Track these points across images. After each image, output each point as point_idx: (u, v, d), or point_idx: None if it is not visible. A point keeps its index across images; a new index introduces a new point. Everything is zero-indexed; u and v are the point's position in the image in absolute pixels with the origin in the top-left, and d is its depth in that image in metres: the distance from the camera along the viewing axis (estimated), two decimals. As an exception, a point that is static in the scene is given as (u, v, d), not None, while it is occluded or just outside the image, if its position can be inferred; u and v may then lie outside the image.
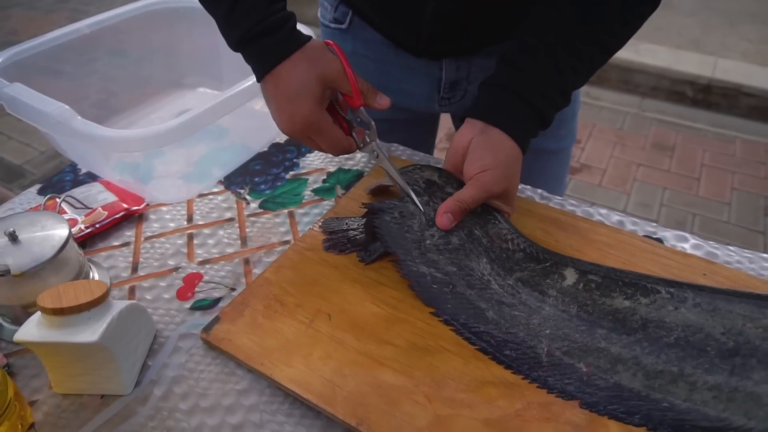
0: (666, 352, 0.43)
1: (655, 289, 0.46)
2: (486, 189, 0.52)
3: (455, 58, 0.68)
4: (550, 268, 0.50)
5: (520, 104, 0.53)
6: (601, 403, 0.41)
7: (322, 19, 0.77)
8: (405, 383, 0.43)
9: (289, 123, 0.52)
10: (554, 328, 0.46)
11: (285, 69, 0.50)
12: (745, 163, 2.04)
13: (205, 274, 0.55)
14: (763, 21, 2.89)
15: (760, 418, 0.38)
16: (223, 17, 0.50)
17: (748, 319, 0.42)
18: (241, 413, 0.43)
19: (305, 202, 0.64)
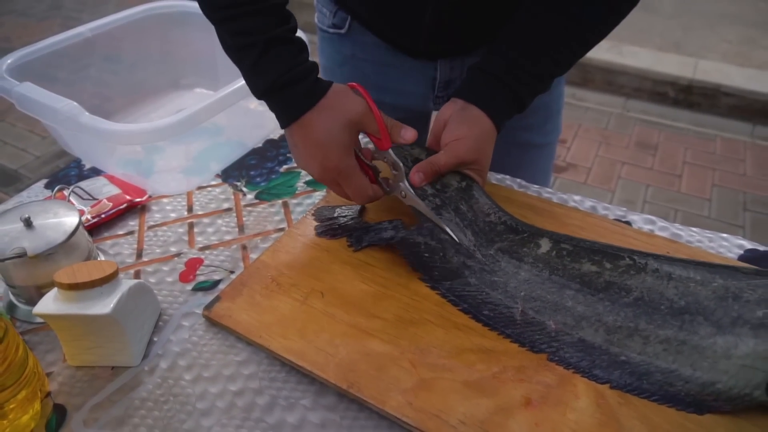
0: (624, 310, 0.47)
1: (620, 256, 0.51)
2: (457, 155, 0.56)
3: (450, 58, 0.72)
4: (528, 238, 0.54)
5: (498, 86, 0.58)
6: (567, 356, 0.45)
7: (320, 24, 0.79)
8: (392, 351, 0.47)
9: (320, 169, 0.53)
10: (528, 290, 0.50)
11: (312, 117, 0.52)
12: (725, 161, 2.10)
13: (205, 258, 0.59)
14: (743, 23, 2.97)
15: (705, 368, 0.43)
16: (250, 67, 0.52)
17: (699, 283, 0.47)
18: (241, 381, 0.47)
19: (298, 193, 0.68)
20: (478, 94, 0.59)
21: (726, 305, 0.45)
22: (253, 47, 0.51)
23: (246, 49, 0.52)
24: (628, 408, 0.43)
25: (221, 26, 0.53)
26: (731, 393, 0.42)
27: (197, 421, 0.44)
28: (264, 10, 0.51)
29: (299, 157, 0.55)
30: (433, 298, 0.52)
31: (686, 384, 0.43)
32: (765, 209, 1.87)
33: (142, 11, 0.84)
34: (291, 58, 0.52)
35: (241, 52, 0.52)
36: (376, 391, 0.44)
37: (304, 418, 0.44)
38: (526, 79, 0.59)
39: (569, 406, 0.43)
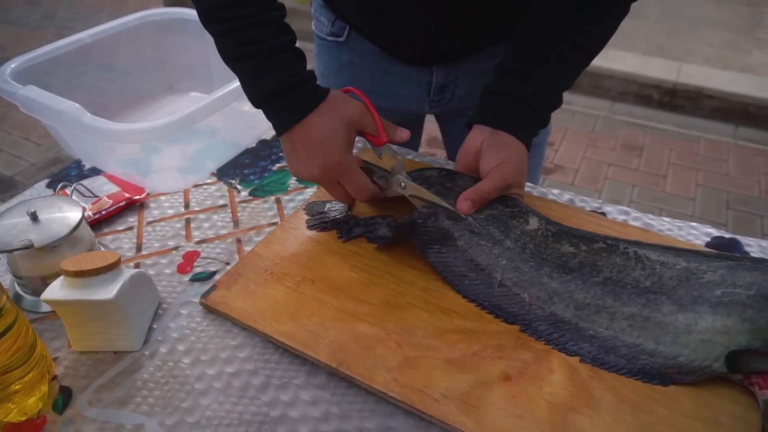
0: (594, 288, 0.51)
1: (596, 240, 0.55)
2: (504, 179, 0.58)
3: (445, 64, 0.75)
4: (517, 213, 0.58)
5: (523, 109, 0.61)
6: (539, 328, 0.49)
7: (317, 32, 0.82)
8: (378, 333, 0.50)
9: (322, 167, 0.55)
10: (509, 260, 0.54)
11: (313, 119, 0.54)
12: (709, 161, 2.15)
13: (202, 251, 0.62)
14: (725, 27, 3.04)
15: (667, 343, 0.46)
16: (251, 75, 0.55)
17: (664, 265, 0.51)
18: (237, 363, 0.50)
19: (290, 190, 0.71)
20: (506, 120, 0.61)
21: (688, 285, 0.49)
22: (254, 57, 0.53)
23: (247, 58, 0.53)
24: (599, 381, 0.47)
25: (222, 37, 0.55)
26: (692, 365, 0.45)
27: (196, 400, 0.47)
28: (265, 22, 0.53)
29: (299, 160, 0.56)
30: (418, 284, 0.55)
31: (650, 357, 0.46)
32: (747, 207, 1.92)
33: (137, 18, 0.87)
34: (291, 66, 0.54)
35: (241, 62, 0.54)
36: (363, 369, 0.47)
37: (296, 396, 0.47)
38: (546, 97, 0.62)
39: (544, 380, 0.47)
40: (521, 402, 0.45)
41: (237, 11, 0.52)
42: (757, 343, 0.45)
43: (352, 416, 0.46)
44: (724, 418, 0.44)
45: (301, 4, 2.86)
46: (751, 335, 0.45)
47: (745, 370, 0.44)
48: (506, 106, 0.61)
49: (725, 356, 0.44)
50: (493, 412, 0.44)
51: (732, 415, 0.44)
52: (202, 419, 0.46)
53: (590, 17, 0.61)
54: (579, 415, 0.44)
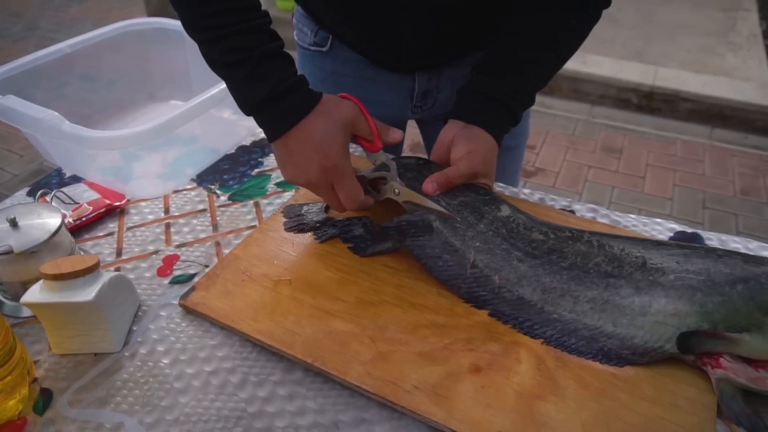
0: (560, 273, 0.53)
1: (562, 228, 0.57)
2: (471, 167, 0.61)
3: (427, 71, 0.77)
4: (489, 201, 0.60)
5: (495, 106, 0.64)
6: (506, 312, 0.52)
7: (300, 42, 0.83)
8: (353, 329, 0.52)
9: (318, 170, 0.55)
10: (482, 242, 0.56)
11: (310, 121, 0.54)
12: (685, 162, 2.20)
13: (181, 255, 0.63)
14: (699, 32, 3.11)
15: (624, 325, 0.49)
16: (241, 82, 0.54)
17: (625, 252, 0.53)
18: (215, 362, 0.51)
19: (269, 194, 0.73)
20: (478, 115, 0.64)
21: (645, 270, 0.51)
22: (244, 63, 0.53)
23: (236, 65, 0.53)
24: (564, 370, 0.49)
25: (209, 45, 0.55)
26: (646, 346, 0.48)
27: (175, 398, 0.48)
28: (253, 29, 0.53)
29: (294, 165, 0.56)
30: (392, 281, 0.57)
31: (608, 339, 0.49)
32: (722, 206, 1.97)
33: (117, 29, 0.88)
34: (283, 72, 0.54)
35: (231, 69, 0.54)
36: (338, 363, 0.49)
37: (273, 392, 0.49)
38: (518, 96, 0.64)
39: (512, 370, 0.48)
40: (490, 392, 0.47)
41: (223, 19, 0.53)
42: (706, 325, 0.47)
43: (327, 410, 0.47)
44: (682, 401, 0.46)
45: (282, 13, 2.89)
46: (700, 317, 0.47)
47: (695, 351, 0.47)
48: (479, 103, 0.64)
49: (676, 337, 0.47)
50: (462, 402, 0.46)
51: (689, 398, 0.46)
52: (181, 416, 0.47)
53: (562, 22, 0.64)
54: (545, 402, 0.46)
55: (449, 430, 0.44)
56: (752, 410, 0.45)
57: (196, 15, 0.54)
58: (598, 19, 0.65)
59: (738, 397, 0.45)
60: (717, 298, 0.49)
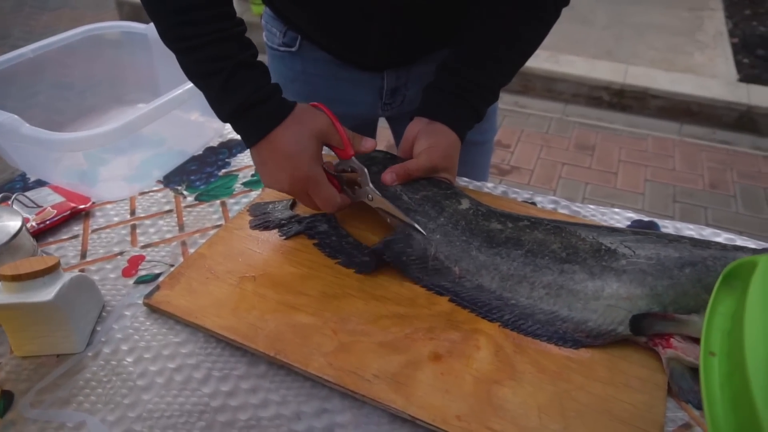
0: (517, 260, 0.55)
1: (521, 218, 0.59)
2: (431, 160, 0.63)
3: (395, 69, 0.78)
4: (451, 195, 0.62)
5: (459, 102, 0.66)
6: (466, 298, 0.53)
7: (269, 42, 0.84)
8: (315, 322, 0.53)
9: (290, 180, 0.57)
10: (443, 234, 0.58)
11: (280, 132, 0.55)
12: (656, 157, 2.25)
13: (147, 255, 0.63)
14: (668, 32, 3.18)
15: (578, 309, 0.50)
16: (217, 91, 0.56)
17: (580, 239, 0.55)
18: (179, 359, 0.52)
19: (236, 193, 0.73)
20: (441, 112, 0.66)
21: (599, 256, 0.53)
22: (219, 73, 0.54)
23: (212, 75, 0.54)
24: (522, 356, 0.50)
25: (185, 54, 0.56)
26: (600, 329, 0.49)
27: (138, 396, 0.49)
28: (228, 38, 0.54)
29: (268, 172, 0.58)
30: (354, 275, 0.58)
31: (563, 323, 0.50)
32: (692, 200, 2.02)
33: (80, 33, 0.88)
34: (257, 81, 0.55)
35: (206, 79, 0.55)
36: (300, 355, 0.49)
37: (236, 386, 0.49)
38: (480, 93, 0.66)
39: (472, 357, 0.50)
40: (449, 378, 0.48)
41: (199, 28, 0.53)
42: (657, 308, 0.49)
43: (289, 401, 0.48)
44: (634, 381, 0.48)
45: (257, 17, 2.88)
46: (651, 300, 0.49)
47: (647, 332, 0.48)
48: (441, 100, 0.66)
49: (629, 320, 0.49)
50: (421, 389, 0.47)
51: (641, 378, 0.48)
52: (144, 413, 0.47)
53: (523, 20, 0.66)
54: (502, 387, 0.47)
55: (408, 416, 0.45)
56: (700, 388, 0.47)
57: (171, 25, 0.55)
58: (557, 17, 0.67)
59: (687, 376, 0.47)
60: (666, 281, 0.50)
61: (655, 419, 0.45)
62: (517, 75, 0.70)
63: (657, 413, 0.45)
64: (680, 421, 0.46)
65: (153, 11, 0.55)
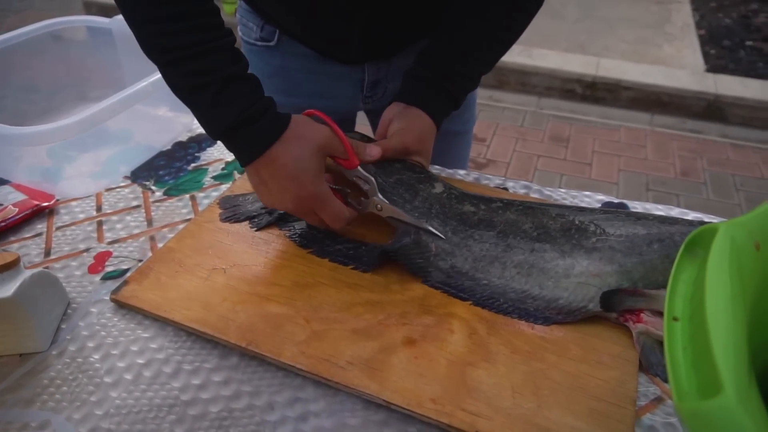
0: (489, 241, 0.55)
1: (493, 200, 0.59)
2: (402, 142, 0.62)
3: (376, 61, 0.77)
4: (424, 179, 0.61)
5: (435, 88, 0.65)
6: (438, 279, 0.53)
7: (245, 37, 0.81)
8: (287, 311, 0.52)
9: (295, 200, 0.53)
10: (419, 216, 0.57)
11: (279, 150, 0.51)
12: (629, 148, 2.29)
13: (114, 251, 0.62)
14: (638, 25, 3.24)
15: (549, 288, 0.51)
16: (206, 107, 0.51)
17: (550, 218, 0.56)
18: (148, 353, 0.50)
19: (205, 187, 0.72)
20: (418, 97, 0.65)
21: (569, 235, 0.54)
22: (207, 87, 0.50)
23: (200, 89, 0.50)
24: (496, 337, 0.50)
25: (170, 68, 0.51)
26: (571, 306, 0.50)
27: (105, 392, 0.47)
28: (215, 49, 0.50)
29: (269, 193, 0.54)
30: (327, 264, 0.57)
31: (535, 301, 0.51)
32: (664, 188, 2.06)
33: (38, 29, 0.85)
34: (249, 95, 0.51)
35: (195, 94, 0.51)
36: (272, 345, 0.49)
37: (208, 379, 0.48)
38: (458, 80, 0.66)
39: (445, 340, 0.49)
40: (422, 362, 0.47)
41: (184, 39, 0.49)
42: (626, 284, 0.49)
43: (262, 392, 0.47)
44: (606, 358, 0.48)
45: (230, 17, 2.85)
46: (620, 276, 0.50)
47: (617, 308, 0.49)
48: (419, 86, 0.66)
49: (599, 297, 0.49)
50: (395, 374, 0.46)
51: (613, 355, 0.48)
52: (111, 409, 0.46)
53: (505, 10, 0.65)
54: (476, 368, 0.47)
55: (382, 401, 0.45)
56: (669, 360, 0.47)
57: (153, 34, 0.50)
58: (539, 6, 0.67)
59: (656, 350, 0.48)
60: (635, 258, 0.51)
61: (627, 394, 0.45)
62: (491, 69, 0.70)
63: (629, 388, 0.45)
64: (652, 395, 0.46)
65: (133, 19, 0.51)
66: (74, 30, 0.89)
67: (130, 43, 0.55)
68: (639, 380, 0.47)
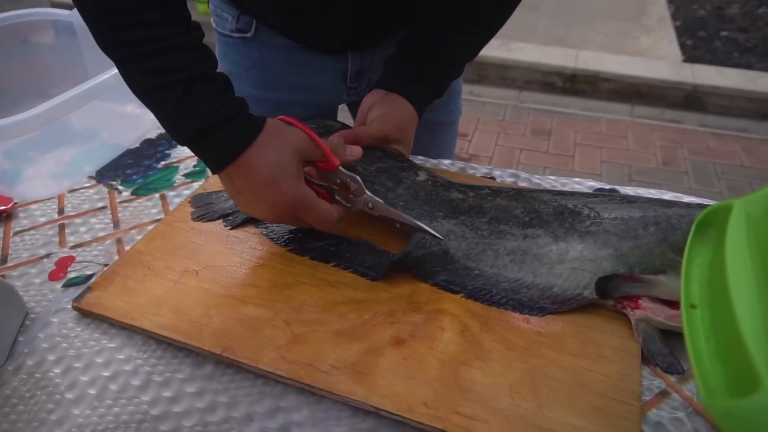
0: (482, 228, 0.52)
1: (481, 188, 0.57)
2: (381, 129, 0.59)
3: (360, 50, 0.73)
4: (407, 167, 0.59)
5: (417, 75, 0.63)
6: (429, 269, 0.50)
7: (220, 29, 0.76)
8: (266, 314, 0.48)
9: (274, 207, 0.49)
10: (405, 203, 0.55)
11: (253, 154, 0.47)
12: (610, 139, 2.28)
13: (77, 256, 0.58)
14: (615, 17, 3.25)
15: (543, 275, 0.48)
16: (171, 110, 0.46)
17: (542, 202, 0.53)
18: (114, 365, 0.46)
19: (177, 185, 0.68)
20: (399, 84, 0.62)
21: (562, 219, 0.51)
22: (172, 87, 0.45)
23: (164, 89, 0.45)
24: (489, 333, 0.47)
25: (130, 65, 0.46)
26: (566, 294, 0.47)
27: (66, 410, 0.43)
28: (182, 45, 0.46)
29: (246, 202, 0.50)
30: (306, 261, 0.54)
31: (528, 290, 0.48)
32: (647, 178, 2.06)
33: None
34: (219, 96, 0.47)
35: (157, 94, 0.46)
36: (249, 351, 0.45)
37: (180, 390, 0.44)
38: (442, 67, 0.63)
39: (436, 339, 0.46)
40: (412, 363, 0.44)
41: (145, 33, 0.44)
42: (622, 269, 0.47)
43: (240, 402, 0.43)
44: (606, 351, 0.45)
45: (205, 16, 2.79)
46: (616, 261, 0.47)
47: (614, 295, 0.46)
48: (400, 72, 0.63)
49: (594, 283, 0.46)
50: (383, 377, 0.43)
51: (613, 348, 0.46)
52: (73, 428, 0.42)
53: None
54: (470, 368, 0.44)
55: (371, 407, 0.41)
56: (669, 350, 0.45)
57: (111, 27, 0.45)
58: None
59: (656, 338, 0.45)
60: (631, 241, 0.48)
61: (631, 389, 0.42)
62: (471, 64, 0.68)
63: (633, 382, 0.43)
64: (656, 389, 0.44)
65: (86, 10, 0.45)
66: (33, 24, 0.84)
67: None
68: (642, 373, 0.44)
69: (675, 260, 0.46)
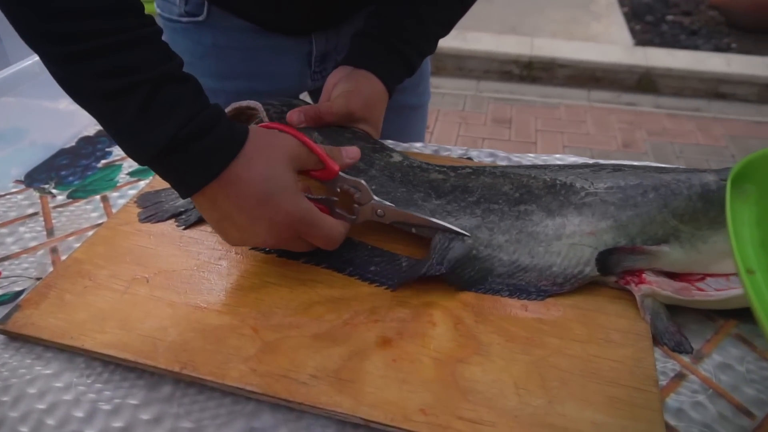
0: (471, 208, 0.47)
1: (461, 167, 0.52)
2: (346, 106, 0.54)
3: (324, 30, 0.67)
4: (379, 149, 0.54)
5: (387, 49, 0.58)
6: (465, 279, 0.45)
7: (166, 14, 0.68)
8: (230, 321, 0.42)
9: (272, 229, 0.41)
10: (379, 186, 0.49)
11: (240, 169, 0.39)
12: (570, 124, 2.30)
13: (4, 270, 0.50)
14: (566, 5, 3.30)
15: (540, 254, 0.44)
16: (131, 119, 0.37)
17: (531, 177, 0.49)
18: (51, 395, 0.39)
19: (120, 185, 0.60)
20: (368, 59, 0.57)
21: (554, 192, 0.47)
22: (132, 92, 0.37)
23: (120, 95, 0.37)
24: (485, 325, 0.42)
25: (74, 65, 0.37)
26: (566, 273, 0.43)
27: (-7, 454, 0.36)
28: (142, 40, 0.38)
29: (237, 228, 0.42)
30: (274, 260, 0.48)
31: (526, 273, 0.44)
32: (609, 160, 2.07)
33: None
34: (191, 102, 0.39)
35: (111, 101, 0.37)
36: (214, 366, 0.39)
37: (134, 418, 0.37)
38: (413, 40, 0.58)
39: (427, 335, 0.41)
40: (403, 365, 0.39)
41: (94, 24, 0.36)
42: (623, 241, 0.43)
43: (205, 426, 0.37)
44: (615, 334, 0.41)
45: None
46: (616, 233, 0.44)
47: (616, 270, 0.43)
48: (369, 47, 0.59)
49: (595, 258, 0.43)
50: (372, 383, 0.37)
51: (621, 330, 0.41)
52: (1, 476, 0.34)
53: None
54: (469, 365, 0.39)
55: (360, 419, 0.36)
56: (677, 328, 0.41)
57: (49, 17, 0.36)
58: None
59: (662, 315, 0.42)
60: (630, 210, 0.45)
61: (647, 373, 0.38)
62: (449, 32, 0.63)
63: (647, 366, 0.39)
64: (671, 372, 0.40)
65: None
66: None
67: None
68: (655, 356, 0.40)
69: (678, 228, 0.43)
